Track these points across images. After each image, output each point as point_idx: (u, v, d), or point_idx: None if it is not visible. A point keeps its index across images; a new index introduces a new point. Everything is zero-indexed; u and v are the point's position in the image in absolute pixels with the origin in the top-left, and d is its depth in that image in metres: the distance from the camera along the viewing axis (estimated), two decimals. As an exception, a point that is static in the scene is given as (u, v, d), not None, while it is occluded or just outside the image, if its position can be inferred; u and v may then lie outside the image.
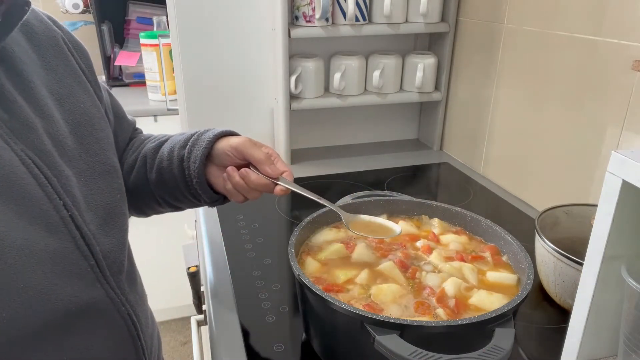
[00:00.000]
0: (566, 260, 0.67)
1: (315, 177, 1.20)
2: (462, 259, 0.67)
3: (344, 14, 1.14)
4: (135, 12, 2.11)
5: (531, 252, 0.68)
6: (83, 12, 2.05)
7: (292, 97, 1.21)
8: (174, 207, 0.73)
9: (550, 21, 0.94)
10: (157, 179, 0.69)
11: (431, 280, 0.62)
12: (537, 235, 0.72)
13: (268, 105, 1.25)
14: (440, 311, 0.57)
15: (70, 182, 0.51)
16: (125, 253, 0.57)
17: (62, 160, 0.51)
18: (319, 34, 1.14)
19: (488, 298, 0.59)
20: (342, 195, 0.84)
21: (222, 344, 0.67)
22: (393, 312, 0.57)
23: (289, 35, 1.13)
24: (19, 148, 0.47)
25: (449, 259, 0.67)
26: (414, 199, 0.78)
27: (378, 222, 0.71)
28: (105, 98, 0.66)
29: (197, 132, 0.69)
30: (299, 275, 0.58)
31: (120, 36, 2.12)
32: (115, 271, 0.54)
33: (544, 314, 0.74)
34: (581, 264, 0.49)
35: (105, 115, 0.63)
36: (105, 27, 2.02)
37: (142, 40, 1.86)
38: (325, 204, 0.68)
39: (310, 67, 1.19)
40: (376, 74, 1.21)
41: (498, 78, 1.11)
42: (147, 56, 1.88)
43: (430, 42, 1.33)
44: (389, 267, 0.65)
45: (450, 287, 0.61)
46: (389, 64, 1.23)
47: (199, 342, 1.04)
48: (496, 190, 1.13)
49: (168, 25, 1.37)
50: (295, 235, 0.66)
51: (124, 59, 2.05)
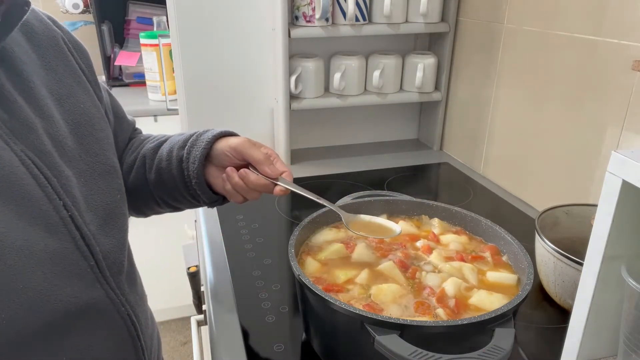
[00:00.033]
0: (566, 260, 0.67)
1: (315, 177, 1.20)
2: (462, 259, 0.67)
3: (344, 14, 1.14)
4: (135, 12, 2.11)
5: (531, 252, 0.68)
6: (83, 12, 2.05)
7: (292, 97, 1.21)
8: (173, 208, 0.73)
9: (550, 21, 0.94)
10: (156, 179, 0.69)
11: (431, 280, 0.62)
12: (537, 235, 0.72)
13: (268, 105, 1.25)
14: (440, 311, 0.57)
15: (70, 183, 0.51)
16: (125, 253, 0.57)
17: (62, 161, 0.51)
18: (319, 34, 1.14)
19: (488, 298, 0.59)
20: (342, 195, 0.84)
21: (222, 344, 0.67)
22: (393, 312, 0.57)
23: (289, 35, 1.13)
24: (19, 148, 0.47)
25: (449, 259, 0.67)
26: (414, 199, 0.78)
27: (378, 222, 0.71)
28: (105, 98, 0.66)
29: (196, 133, 0.69)
30: (299, 275, 0.58)
31: (120, 36, 2.12)
32: (115, 272, 0.54)
33: (544, 314, 0.74)
34: (581, 264, 0.49)
35: (105, 116, 0.63)
36: (105, 27, 2.02)
37: (142, 40, 1.86)
38: (325, 203, 0.68)
39: (310, 67, 1.19)
40: (376, 74, 1.21)
41: (498, 78, 1.11)
42: (147, 56, 1.88)
43: (430, 42, 1.33)
44: (389, 267, 0.65)
45: (450, 287, 0.61)
46: (389, 64, 1.23)
47: (199, 342, 1.04)
48: (496, 190, 1.13)
49: (168, 25, 1.37)
50: (295, 235, 0.66)
51: (124, 59, 2.05)
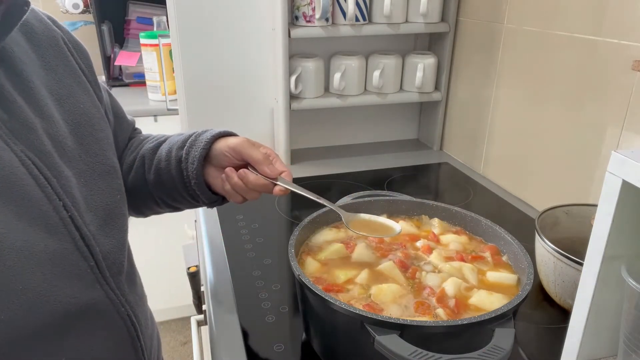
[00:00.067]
0: (566, 260, 0.67)
1: (315, 177, 1.20)
2: (462, 259, 0.66)
3: (344, 14, 1.14)
4: (135, 12, 2.11)
5: (531, 252, 0.68)
6: (83, 12, 2.05)
7: (292, 97, 1.20)
8: (173, 208, 0.73)
9: (550, 21, 0.94)
10: (155, 179, 0.69)
11: (431, 280, 0.62)
12: (537, 235, 0.72)
13: (268, 105, 1.25)
14: (440, 311, 0.57)
15: (70, 183, 0.51)
16: (125, 254, 0.57)
17: (61, 161, 0.51)
18: (319, 34, 1.14)
19: (488, 298, 0.59)
20: (342, 195, 0.84)
21: (222, 344, 0.67)
22: (393, 312, 0.57)
23: (289, 35, 1.13)
24: (19, 149, 0.47)
25: (449, 259, 0.67)
26: (414, 199, 0.78)
27: (378, 221, 0.71)
28: (105, 98, 0.66)
29: (195, 133, 0.69)
30: (299, 275, 0.57)
31: (120, 36, 2.12)
32: (115, 272, 0.54)
33: (544, 314, 0.74)
34: (581, 264, 0.49)
35: (105, 116, 0.63)
36: (105, 27, 2.02)
37: (142, 40, 1.86)
38: (325, 203, 0.68)
39: (310, 67, 1.18)
40: (376, 74, 1.21)
41: (498, 78, 1.11)
42: (147, 56, 1.88)
43: (430, 42, 1.33)
44: (389, 267, 0.65)
45: (450, 287, 0.61)
46: (389, 64, 1.23)
47: (199, 342, 1.04)
48: (496, 190, 1.13)
49: (168, 25, 1.37)
50: (295, 235, 0.66)
51: (124, 59, 2.05)
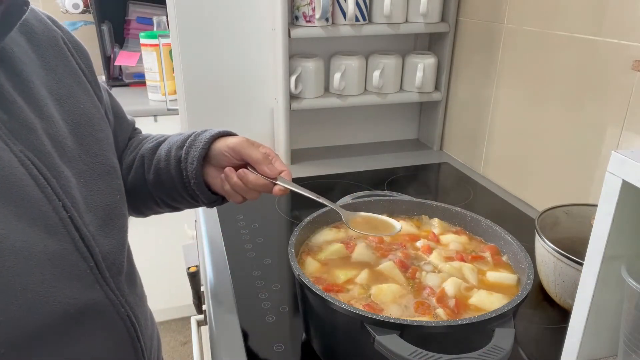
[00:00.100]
0: (566, 260, 0.67)
1: (315, 177, 1.20)
2: (462, 259, 0.66)
3: (344, 14, 1.14)
4: (135, 12, 2.11)
5: (531, 252, 0.68)
6: (83, 12, 2.05)
7: (292, 97, 1.20)
8: (172, 208, 0.73)
9: (550, 21, 0.94)
10: (154, 179, 0.69)
11: (431, 280, 0.62)
12: (537, 235, 0.72)
13: (268, 105, 1.25)
14: (440, 311, 0.57)
15: (69, 183, 0.51)
16: (125, 254, 0.57)
17: (61, 161, 0.51)
18: (319, 34, 1.14)
19: (488, 298, 0.59)
20: (342, 195, 0.84)
21: (222, 344, 0.67)
22: (393, 312, 0.57)
23: (289, 35, 1.13)
24: (18, 149, 0.47)
25: (449, 259, 0.67)
26: (414, 199, 0.78)
27: (378, 219, 0.71)
28: (105, 98, 0.66)
29: (194, 133, 0.68)
30: (299, 275, 0.57)
31: (120, 36, 2.12)
32: (114, 272, 0.54)
33: (544, 314, 0.74)
34: (581, 264, 0.49)
35: (105, 116, 0.63)
36: (105, 27, 2.02)
37: (142, 40, 1.86)
38: (324, 202, 0.68)
39: (310, 67, 1.18)
40: (376, 74, 1.21)
41: (498, 78, 1.11)
42: (147, 56, 1.88)
43: (430, 42, 1.33)
44: (389, 267, 0.65)
45: (450, 287, 0.61)
46: (389, 64, 1.23)
47: (199, 342, 1.04)
48: (496, 190, 1.13)
49: (168, 25, 1.37)
50: (295, 235, 0.66)
51: (124, 59, 2.05)
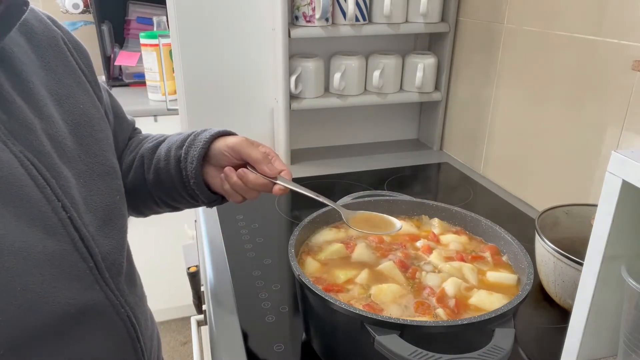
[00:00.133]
0: (566, 260, 0.67)
1: (315, 177, 1.20)
2: (462, 259, 0.66)
3: (344, 14, 1.14)
4: (135, 12, 2.11)
5: (531, 252, 0.68)
6: (83, 12, 2.05)
7: (292, 97, 1.20)
8: (172, 208, 0.73)
9: (550, 21, 0.94)
10: (154, 179, 0.69)
11: (431, 280, 0.62)
12: (537, 235, 0.72)
13: (268, 105, 1.25)
14: (440, 311, 0.57)
15: (69, 184, 0.51)
16: (125, 254, 0.57)
17: (61, 162, 0.51)
18: (319, 34, 1.14)
19: (488, 298, 0.59)
20: (342, 195, 0.84)
21: (222, 344, 0.67)
22: (393, 312, 0.57)
23: (289, 35, 1.13)
24: (18, 149, 0.47)
25: (449, 259, 0.67)
26: (414, 199, 0.78)
27: (378, 217, 0.71)
28: (105, 98, 0.66)
29: (194, 132, 0.68)
30: (299, 275, 0.57)
31: (120, 36, 2.12)
32: (114, 273, 0.54)
33: (544, 314, 0.74)
34: (581, 264, 0.49)
35: (105, 116, 0.63)
36: (105, 27, 2.02)
37: (142, 40, 1.86)
38: (324, 201, 0.68)
39: (310, 67, 1.18)
40: (376, 74, 1.21)
41: (498, 78, 1.11)
42: (147, 56, 1.88)
43: (430, 42, 1.33)
44: (389, 267, 0.65)
45: (450, 287, 0.61)
46: (389, 64, 1.23)
47: (199, 342, 1.04)
48: (496, 190, 1.13)
49: (168, 25, 1.37)
50: (295, 235, 0.66)
51: (124, 59, 2.05)
